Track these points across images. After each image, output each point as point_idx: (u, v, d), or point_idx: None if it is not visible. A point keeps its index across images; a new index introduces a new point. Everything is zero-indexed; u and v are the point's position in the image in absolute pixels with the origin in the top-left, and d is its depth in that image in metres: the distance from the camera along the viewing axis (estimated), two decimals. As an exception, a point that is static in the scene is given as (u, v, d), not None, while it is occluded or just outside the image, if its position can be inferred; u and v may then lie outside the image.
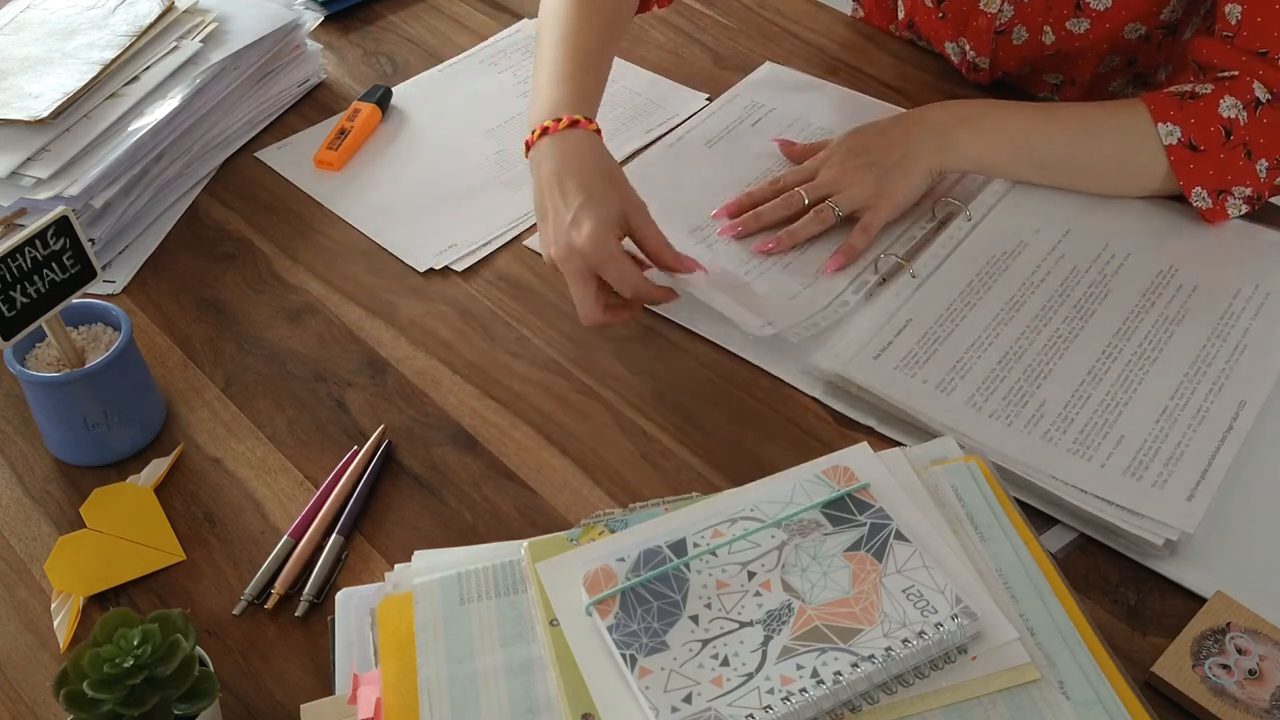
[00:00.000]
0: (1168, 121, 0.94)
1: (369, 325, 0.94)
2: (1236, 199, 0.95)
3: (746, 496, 0.71)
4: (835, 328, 0.90)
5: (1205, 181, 0.94)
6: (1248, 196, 0.95)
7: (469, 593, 0.68)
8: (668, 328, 0.92)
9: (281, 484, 0.83)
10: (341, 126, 1.11)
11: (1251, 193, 0.95)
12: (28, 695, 0.71)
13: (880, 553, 0.67)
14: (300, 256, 1.01)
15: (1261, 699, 0.67)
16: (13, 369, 0.80)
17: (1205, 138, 0.93)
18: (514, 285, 0.97)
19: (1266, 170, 0.94)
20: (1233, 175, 0.94)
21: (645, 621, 0.64)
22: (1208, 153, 0.93)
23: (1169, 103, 0.94)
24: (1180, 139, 0.94)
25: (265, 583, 0.76)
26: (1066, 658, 0.63)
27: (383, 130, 1.14)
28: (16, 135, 0.98)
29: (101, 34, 1.07)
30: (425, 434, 0.86)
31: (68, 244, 0.78)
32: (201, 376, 0.91)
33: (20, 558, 0.79)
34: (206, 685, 0.63)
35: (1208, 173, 0.94)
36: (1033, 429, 0.81)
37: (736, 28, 1.25)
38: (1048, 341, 0.88)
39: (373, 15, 1.30)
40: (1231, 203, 0.95)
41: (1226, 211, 0.96)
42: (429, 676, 0.64)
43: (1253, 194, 0.95)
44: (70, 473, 0.84)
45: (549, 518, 0.80)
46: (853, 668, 0.61)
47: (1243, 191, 0.95)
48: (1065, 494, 0.77)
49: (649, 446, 0.84)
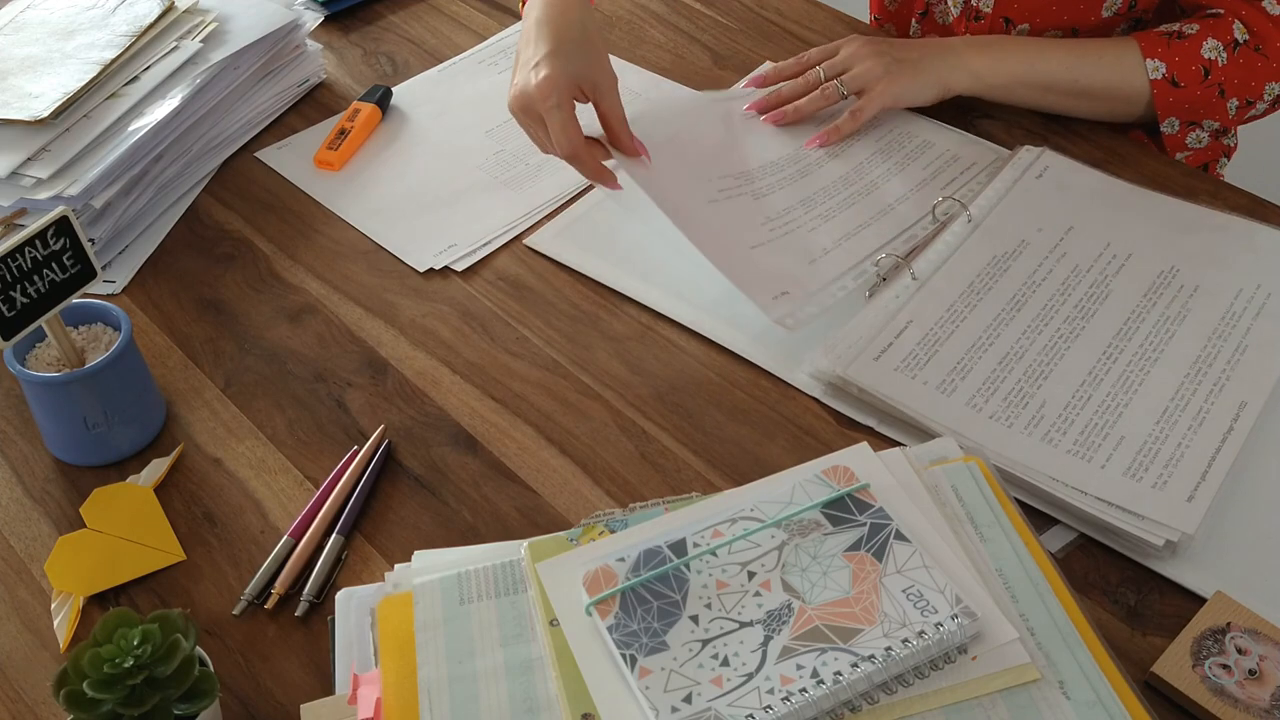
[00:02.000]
0: (1155, 58, 1.02)
1: (369, 325, 0.94)
2: (1203, 132, 1.07)
3: (746, 496, 0.71)
4: (835, 328, 0.90)
5: (1180, 114, 1.05)
6: (1215, 130, 1.07)
7: (469, 593, 0.68)
8: (668, 328, 0.92)
9: (281, 484, 0.83)
10: (341, 127, 1.11)
11: (1219, 127, 1.07)
12: (28, 695, 0.71)
13: (880, 553, 0.67)
14: (300, 256, 1.01)
15: (1261, 699, 0.67)
16: (13, 369, 0.80)
17: (1187, 75, 1.02)
18: (514, 285, 0.97)
19: (1236, 108, 1.04)
20: (1205, 110, 1.04)
21: (645, 621, 0.64)
22: (1187, 89, 1.02)
23: (1158, 40, 1.03)
24: (1165, 75, 1.02)
25: (265, 583, 0.76)
26: (1066, 658, 0.63)
27: (383, 130, 1.14)
28: (16, 135, 0.98)
29: (101, 34, 1.07)
30: (425, 434, 0.86)
31: (68, 244, 0.78)
32: (201, 376, 0.91)
33: (20, 558, 0.79)
34: (206, 685, 0.63)
35: (1184, 106, 1.04)
36: (1033, 430, 0.81)
37: (736, 28, 1.25)
38: (1048, 342, 0.88)
39: (373, 15, 1.30)
40: (1195, 135, 1.07)
41: (1185, 142, 1.07)
42: (429, 676, 0.64)
43: (1220, 128, 1.07)
44: (70, 473, 0.84)
45: (549, 518, 0.80)
46: (853, 668, 0.61)
47: (1211, 125, 1.06)
48: (1065, 495, 0.77)
49: (649, 446, 0.84)
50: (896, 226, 0.98)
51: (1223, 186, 1.02)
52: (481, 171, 1.09)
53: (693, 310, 0.93)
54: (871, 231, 0.98)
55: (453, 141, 1.12)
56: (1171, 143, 1.08)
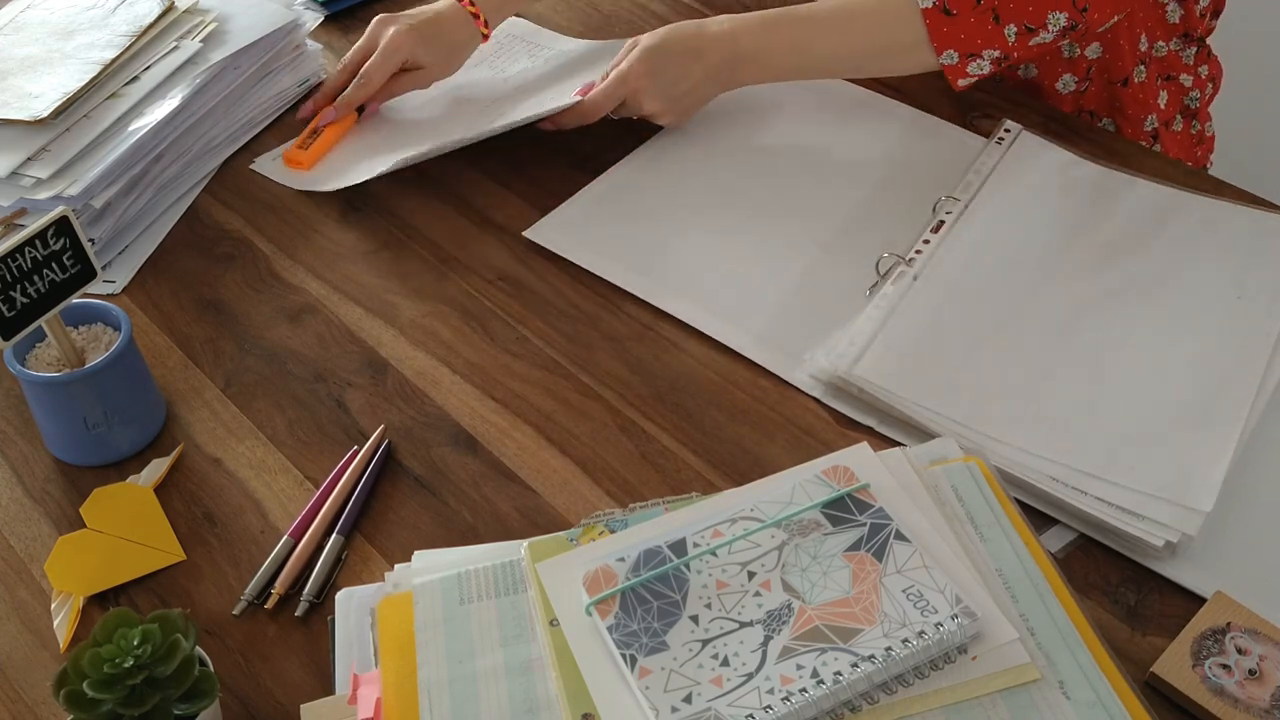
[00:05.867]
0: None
1: (369, 325, 0.94)
2: (984, 60, 1.01)
3: (746, 496, 0.71)
4: (835, 328, 0.90)
5: (957, 45, 1.01)
6: (995, 59, 1.01)
7: (469, 593, 0.68)
8: (668, 327, 0.92)
9: (281, 484, 0.83)
10: (315, 126, 1.12)
11: (1000, 54, 1.01)
12: (28, 695, 0.71)
13: (880, 553, 0.67)
14: (300, 256, 1.01)
15: (1261, 699, 0.67)
16: (13, 369, 0.80)
17: (957, 2, 0.99)
18: (514, 285, 0.97)
19: (1016, 35, 1.00)
20: (982, 39, 1.00)
21: (645, 621, 0.64)
22: (959, 17, 0.99)
23: None
24: (935, 3, 0.99)
25: (265, 583, 0.76)
26: (1066, 658, 0.63)
27: (357, 131, 1.14)
28: (16, 135, 0.98)
29: (101, 34, 1.07)
30: (425, 434, 0.86)
31: (68, 244, 0.78)
32: (201, 376, 0.91)
33: (20, 558, 0.79)
34: (206, 685, 0.63)
35: (959, 36, 1.00)
36: (1033, 430, 0.81)
37: (736, 28, 1.25)
38: (1049, 340, 0.88)
39: (372, 15, 1.29)
40: (976, 64, 1.01)
41: (968, 71, 1.02)
42: (429, 676, 0.64)
43: (1000, 56, 1.01)
44: (70, 473, 0.84)
45: (549, 518, 0.80)
46: (853, 668, 0.61)
47: (991, 54, 1.01)
48: (1065, 494, 0.77)
49: (649, 446, 0.84)
50: (898, 225, 0.98)
51: (1223, 186, 1.02)
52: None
53: (693, 307, 0.93)
54: None
55: (433, 134, 1.12)
56: (953, 73, 1.03)
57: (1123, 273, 0.93)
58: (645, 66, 1.05)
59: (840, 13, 1.04)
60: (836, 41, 1.05)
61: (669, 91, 1.05)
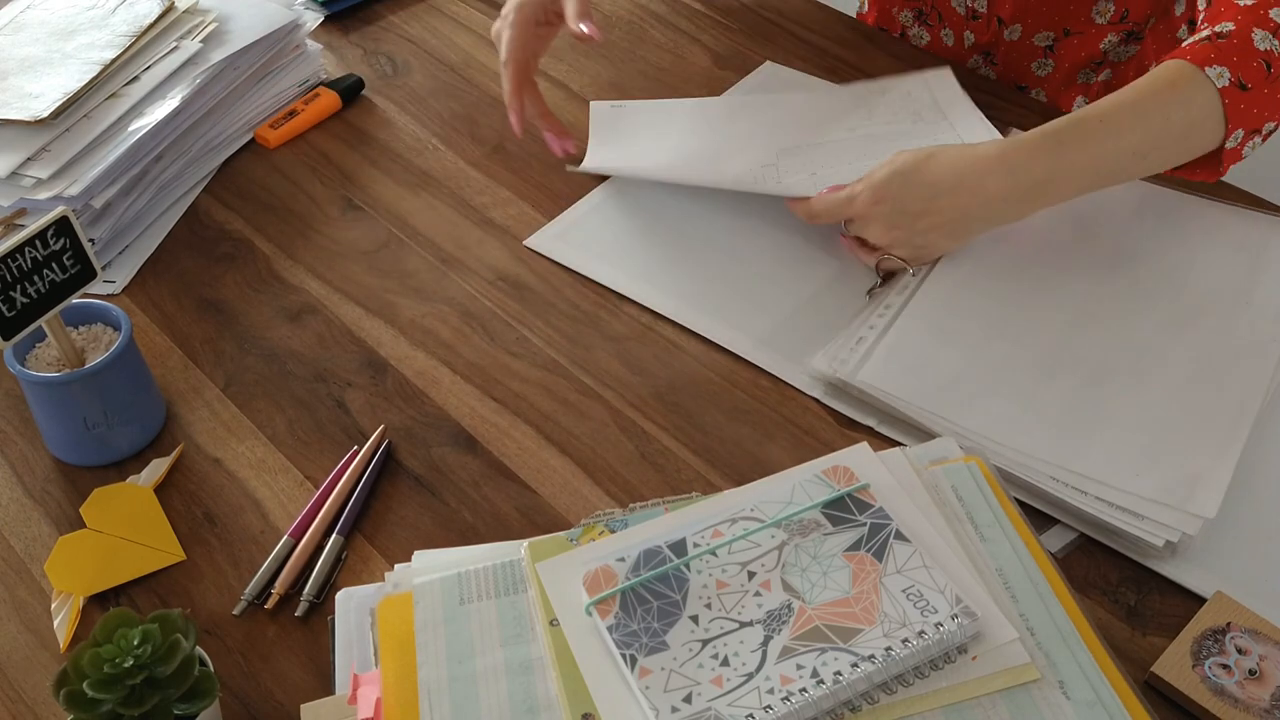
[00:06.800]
0: (1213, 64, 0.86)
1: (369, 325, 0.94)
2: (1259, 138, 0.89)
3: (746, 496, 0.71)
4: (835, 329, 0.90)
5: (1246, 121, 0.87)
6: (1268, 132, 0.89)
7: (469, 593, 0.68)
8: (668, 328, 0.92)
9: (281, 484, 0.83)
10: (293, 108, 1.12)
11: (1275, 126, 0.89)
12: (28, 695, 0.71)
13: (880, 553, 0.67)
14: (300, 256, 1.01)
15: (1261, 699, 0.67)
16: (13, 369, 0.80)
17: (1250, 74, 0.86)
18: (514, 285, 0.97)
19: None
20: (1269, 111, 0.87)
21: (645, 621, 0.64)
22: (1254, 90, 0.86)
23: (1202, 50, 0.87)
24: (1231, 80, 0.86)
25: (265, 583, 0.76)
26: (1066, 658, 0.63)
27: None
28: (16, 135, 0.98)
29: (101, 34, 1.07)
30: (425, 434, 0.86)
31: (68, 244, 0.78)
32: (201, 376, 0.91)
33: (20, 558, 0.79)
34: (206, 685, 0.63)
35: (1252, 111, 0.87)
36: (1033, 430, 0.81)
37: (736, 28, 1.25)
38: (1049, 341, 0.87)
39: (373, 15, 1.30)
40: (1251, 143, 0.89)
41: (1242, 154, 0.90)
42: (429, 676, 0.64)
43: (1275, 127, 0.89)
44: (70, 473, 0.84)
45: (549, 518, 0.80)
46: (853, 668, 0.61)
47: (1269, 127, 0.89)
48: (1065, 495, 0.77)
49: (649, 446, 0.84)
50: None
51: (1223, 186, 1.02)
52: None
53: (692, 310, 0.93)
54: None
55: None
56: (1230, 158, 0.89)
57: (1128, 276, 0.92)
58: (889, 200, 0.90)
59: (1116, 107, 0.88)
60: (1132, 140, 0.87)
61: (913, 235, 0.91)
